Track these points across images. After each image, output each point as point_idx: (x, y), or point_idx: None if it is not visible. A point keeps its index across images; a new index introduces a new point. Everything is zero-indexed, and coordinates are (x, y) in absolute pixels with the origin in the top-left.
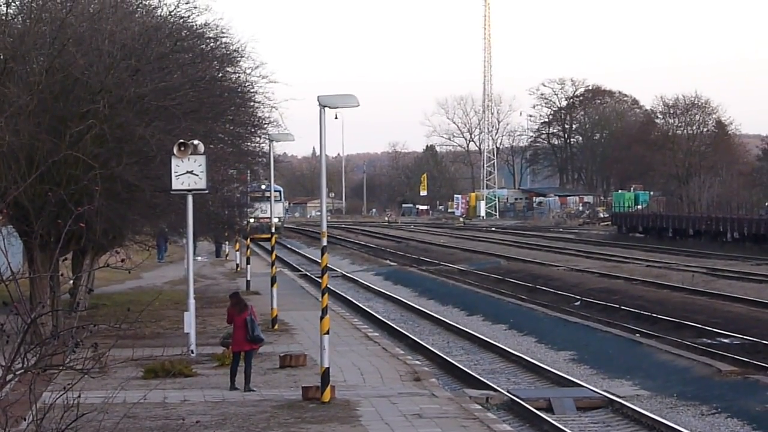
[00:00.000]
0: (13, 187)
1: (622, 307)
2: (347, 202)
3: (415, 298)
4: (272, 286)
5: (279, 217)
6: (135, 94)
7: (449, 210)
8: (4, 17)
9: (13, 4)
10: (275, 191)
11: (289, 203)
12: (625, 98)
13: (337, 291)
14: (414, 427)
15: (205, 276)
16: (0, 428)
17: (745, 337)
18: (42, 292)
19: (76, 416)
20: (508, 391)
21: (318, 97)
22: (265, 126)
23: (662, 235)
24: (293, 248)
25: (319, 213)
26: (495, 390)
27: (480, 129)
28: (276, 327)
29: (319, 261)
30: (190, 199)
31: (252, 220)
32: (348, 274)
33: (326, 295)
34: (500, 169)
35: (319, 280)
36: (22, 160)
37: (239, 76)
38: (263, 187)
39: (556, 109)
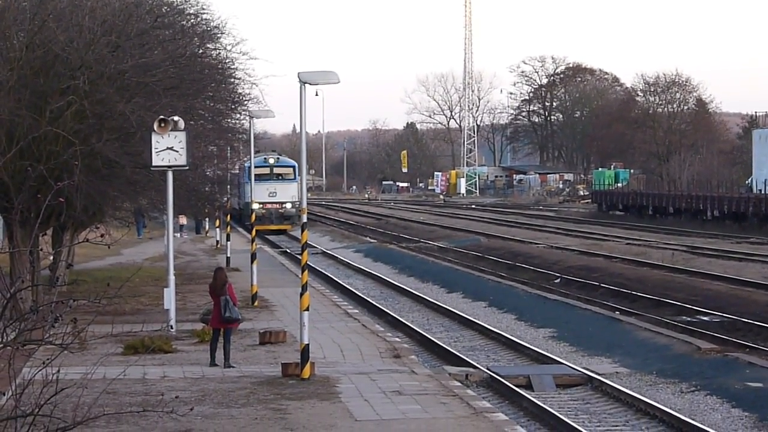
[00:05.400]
0: None
1: (602, 285)
2: (327, 179)
3: (395, 275)
4: (252, 262)
5: (293, 202)
6: (115, 70)
7: (429, 187)
8: None
9: None
10: (288, 166)
11: None
12: (606, 76)
13: (317, 268)
14: (394, 404)
15: (185, 252)
16: None
17: (724, 314)
18: (22, 267)
19: (55, 391)
20: (487, 369)
21: (298, 73)
22: (246, 102)
23: (642, 213)
24: None
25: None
26: (475, 367)
27: (460, 106)
28: (256, 304)
29: (299, 238)
30: (170, 175)
31: (257, 207)
32: (328, 251)
33: (306, 271)
34: (480, 147)
35: (299, 257)
36: (2, 135)
37: (220, 53)
38: (271, 161)
39: (537, 86)
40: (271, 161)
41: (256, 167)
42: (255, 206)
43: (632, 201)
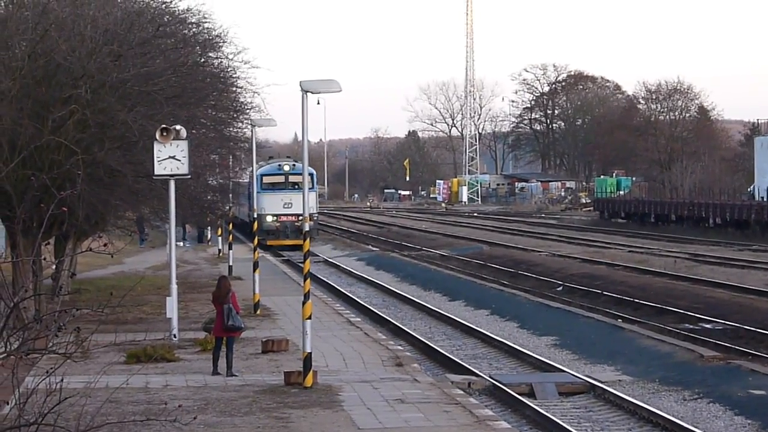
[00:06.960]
0: None
1: (604, 293)
2: (329, 187)
3: (397, 284)
4: (254, 271)
5: (311, 213)
6: (117, 79)
7: (431, 195)
8: None
9: None
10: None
11: None
12: (608, 84)
13: (320, 276)
14: (396, 412)
15: (188, 261)
16: None
17: (727, 322)
18: (24, 276)
19: (58, 400)
20: (490, 377)
21: (300, 82)
22: (248, 111)
23: (644, 220)
24: None
25: None
26: (477, 375)
27: (462, 114)
28: (258, 312)
29: (301, 246)
30: (172, 184)
31: (270, 219)
32: (330, 260)
33: (308, 280)
34: (482, 155)
35: (301, 266)
36: (4, 145)
37: (221, 62)
38: (286, 167)
39: (539, 94)
40: (287, 168)
41: (269, 175)
42: (269, 218)
43: (634, 209)
